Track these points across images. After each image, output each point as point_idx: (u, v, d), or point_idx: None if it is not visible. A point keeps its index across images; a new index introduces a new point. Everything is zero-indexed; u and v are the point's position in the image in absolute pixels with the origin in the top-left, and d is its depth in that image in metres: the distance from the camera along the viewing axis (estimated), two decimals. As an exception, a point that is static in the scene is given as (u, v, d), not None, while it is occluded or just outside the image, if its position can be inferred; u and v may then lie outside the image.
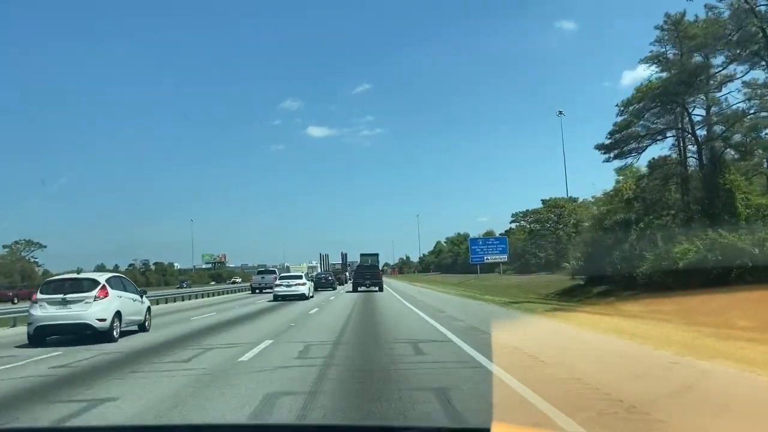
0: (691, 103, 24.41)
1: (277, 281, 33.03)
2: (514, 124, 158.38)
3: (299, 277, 34.12)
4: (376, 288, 36.54)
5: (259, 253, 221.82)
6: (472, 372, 7.80)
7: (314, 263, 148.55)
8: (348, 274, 77.73)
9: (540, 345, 10.24)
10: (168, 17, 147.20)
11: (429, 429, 3.05)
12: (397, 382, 7.20)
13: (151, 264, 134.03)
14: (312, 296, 32.07)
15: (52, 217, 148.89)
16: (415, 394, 6.46)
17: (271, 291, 34.21)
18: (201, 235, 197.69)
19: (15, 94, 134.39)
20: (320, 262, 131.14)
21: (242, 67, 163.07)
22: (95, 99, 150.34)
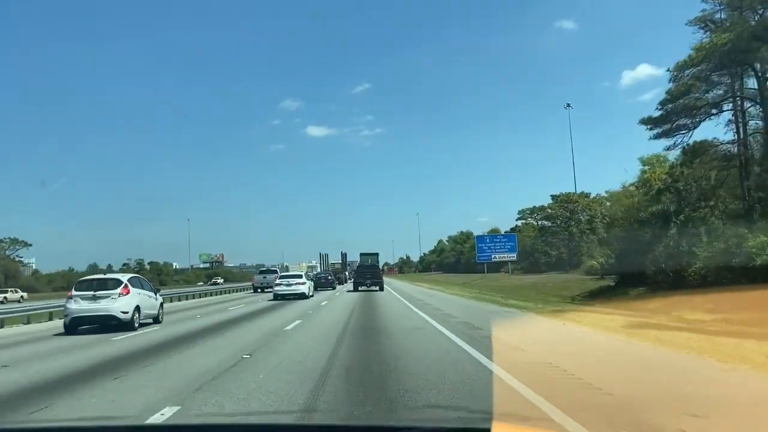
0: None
1: (277, 280, 33.24)
2: (515, 123, 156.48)
3: (299, 276, 34.43)
4: (377, 287, 36.78)
5: (258, 253, 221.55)
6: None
7: (314, 263, 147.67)
8: (348, 273, 78.35)
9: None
10: (167, 17, 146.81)
11: (429, 429, 2.71)
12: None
13: (146, 264, 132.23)
14: (312, 295, 32.17)
15: (49, 217, 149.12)
16: None
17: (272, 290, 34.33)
18: (200, 235, 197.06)
19: (13, 93, 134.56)
20: (320, 262, 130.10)
21: (242, 66, 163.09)
22: (94, 99, 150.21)
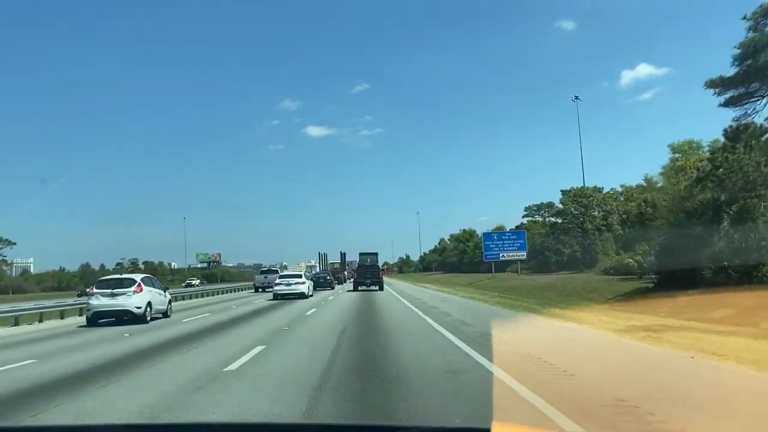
0: None
1: (277, 280, 33.37)
2: (515, 123, 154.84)
3: (298, 276, 34.63)
4: (377, 287, 37.77)
5: (257, 253, 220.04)
6: None
7: (313, 262, 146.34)
8: (347, 273, 78.41)
9: None
10: (166, 16, 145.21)
11: (429, 429, 2.88)
12: None
13: (140, 263, 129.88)
14: (311, 295, 32.72)
15: (49, 217, 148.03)
16: None
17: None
18: (199, 236, 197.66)
19: (9, 93, 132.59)
20: (319, 262, 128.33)
21: (241, 66, 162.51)
22: (93, 99, 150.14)
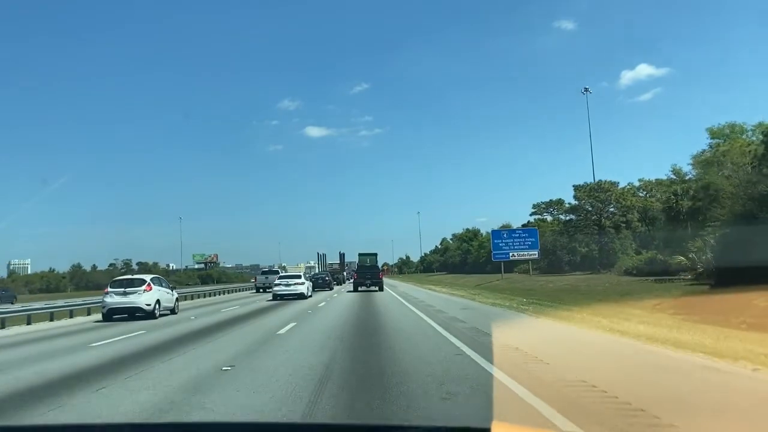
0: None
1: (276, 281, 33.24)
2: (514, 123, 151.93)
3: (298, 276, 34.74)
4: (376, 288, 37.89)
5: (256, 254, 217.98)
6: None
7: (312, 263, 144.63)
8: (346, 273, 77.86)
9: None
10: (165, 15, 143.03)
11: (429, 429, 2.78)
12: None
13: (134, 264, 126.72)
14: (311, 295, 32.71)
15: (49, 217, 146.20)
16: None
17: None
18: (198, 236, 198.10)
19: (7, 92, 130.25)
20: (318, 262, 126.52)
21: (240, 66, 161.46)
22: (91, 98, 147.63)
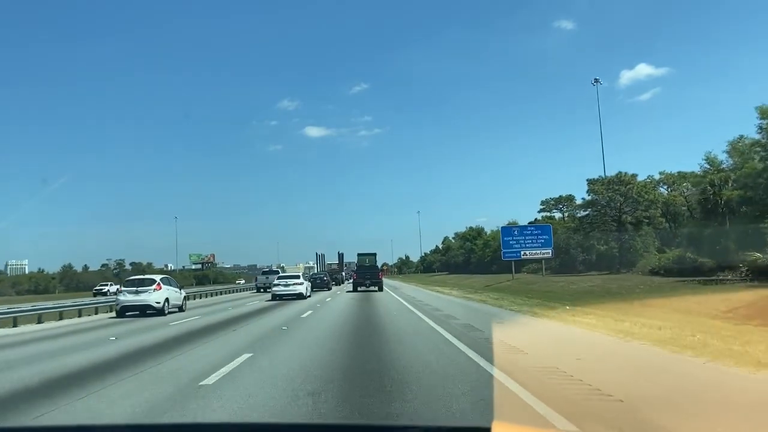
0: None
1: (276, 281, 32.81)
2: (514, 123, 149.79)
3: (297, 276, 34.53)
4: (376, 288, 37.68)
5: (254, 254, 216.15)
6: None
7: (311, 263, 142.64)
8: (345, 273, 77.90)
9: None
10: (165, 18, 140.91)
11: (429, 428, 2.76)
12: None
13: (127, 264, 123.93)
14: (309, 296, 32.20)
15: (48, 217, 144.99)
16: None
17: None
18: (196, 236, 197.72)
19: (7, 92, 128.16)
20: (317, 262, 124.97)
21: (239, 66, 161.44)
22: (91, 98, 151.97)
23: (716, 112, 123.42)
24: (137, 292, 20.90)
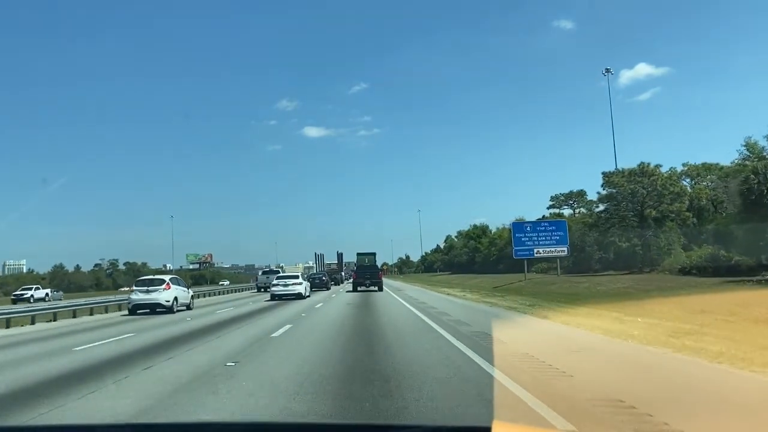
0: None
1: (275, 281, 32.87)
2: (514, 123, 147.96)
3: (296, 277, 34.48)
4: (376, 288, 37.31)
5: (253, 254, 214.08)
6: None
7: (311, 263, 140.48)
8: (344, 273, 76.84)
9: None
10: (164, 18, 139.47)
11: (429, 428, 2.70)
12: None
13: (121, 264, 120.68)
14: (309, 295, 32.31)
15: (48, 217, 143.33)
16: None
17: None
18: (195, 236, 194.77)
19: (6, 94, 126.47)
20: (316, 262, 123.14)
21: (238, 66, 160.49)
22: (90, 98, 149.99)
23: (716, 112, 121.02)
24: (148, 291, 22.28)
